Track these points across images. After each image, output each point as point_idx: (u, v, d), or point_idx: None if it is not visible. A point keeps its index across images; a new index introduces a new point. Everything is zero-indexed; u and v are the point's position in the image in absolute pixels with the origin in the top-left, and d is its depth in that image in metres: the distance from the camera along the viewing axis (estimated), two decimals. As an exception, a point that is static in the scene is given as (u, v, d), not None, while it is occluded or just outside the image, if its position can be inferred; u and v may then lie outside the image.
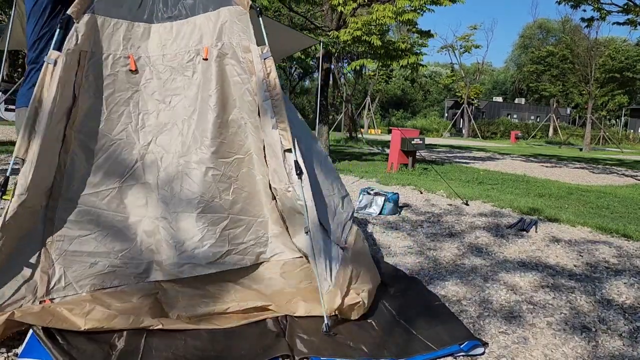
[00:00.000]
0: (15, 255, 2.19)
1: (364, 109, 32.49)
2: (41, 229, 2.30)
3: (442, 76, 43.94)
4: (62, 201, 2.36)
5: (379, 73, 31.60)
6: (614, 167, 14.41)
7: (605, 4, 12.39)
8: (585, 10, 18.70)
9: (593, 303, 2.88)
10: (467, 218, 5.07)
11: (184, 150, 2.53)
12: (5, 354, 1.99)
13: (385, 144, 18.46)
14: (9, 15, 3.49)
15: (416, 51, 11.11)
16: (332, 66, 12.62)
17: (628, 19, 12.39)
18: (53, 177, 2.34)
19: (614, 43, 28.90)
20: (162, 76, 2.59)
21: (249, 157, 2.63)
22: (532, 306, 2.79)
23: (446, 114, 42.76)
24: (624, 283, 3.24)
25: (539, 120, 40.50)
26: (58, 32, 2.25)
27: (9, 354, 2.00)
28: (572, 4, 12.73)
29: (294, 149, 2.48)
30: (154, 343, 2.09)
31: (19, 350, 1.99)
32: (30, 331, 2.04)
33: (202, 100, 2.57)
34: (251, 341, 2.17)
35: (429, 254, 3.73)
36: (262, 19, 2.69)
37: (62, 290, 2.27)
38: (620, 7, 12.07)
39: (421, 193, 6.63)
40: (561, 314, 2.71)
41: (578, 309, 2.79)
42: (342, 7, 9.61)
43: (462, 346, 2.21)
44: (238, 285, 2.54)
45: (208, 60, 2.59)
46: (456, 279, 3.18)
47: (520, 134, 32.20)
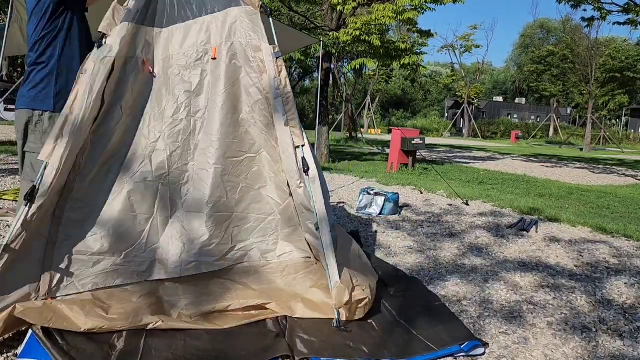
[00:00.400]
0: (25, 254, 2.19)
1: (364, 108, 32.49)
2: (48, 227, 2.31)
3: (443, 76, 43.94)
4: (71, 200, 2.37)
5: (379, 73, 31.58)
6: (614, 167, 14.40)
7: (605, 3, 12.38)
8: (585, 10, 18.73)
9: (593, 303, 2.88)
10: (468, 218, 5.07)
11: (193, 149, 2.54)
12: (5, 354, 1.99)
13: (385, 144, 18.46)
14: (10, 14, 3.42)
15: (416, 51, 11.11)
16: (332, 66, 12.61)
17: (628, 18, 12.37)
18: (67, 177, 2.36)
19: (614, 43, 28.87)
20: (171, 75, 2.60)
21: (260, 156, 2.65)
22: (533, 306, 2.79)
23: (446, 114, 42.75)
24: (625, 283, 3.24)
25: (539, 120, 40.49)
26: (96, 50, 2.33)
27: (9, 354, 2.00)
28: (573, 3, 12.72)
29: (303, 146, 2.54)
30: (154, 343, 2.09)
31: (19, 350, 1.99)
32: (30, 331, 2.04)
33: (212, 99, 2.58)
34: (251, 341, 2.17)
35: (429, 254, 3.73)
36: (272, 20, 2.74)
37: (64, 289, 2.28)
38: (620, 7, 12.06)
39: (421, 193, 6.63)
40: (561, 314, 2.70)
41: (578, 309, 2.79)
42: (342, 7, 9.60)
43: (463, 346, 2.21)
44: (240, 284, 2.54)
45: (217, 59, 2.61)
46: (456, 279, 3.18)
47: (520, 134, 32.20)
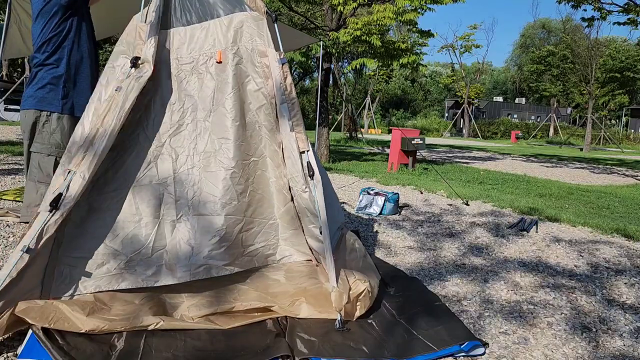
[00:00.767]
0: (37, 256, 2.19)
1: (364, 108, 32.51)
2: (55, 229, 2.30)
3: (443, 76, 43.97)
4: (80, 203, 2.36)
5: (379, 73, 31.60)
6: (614, 167, 14.40)
7: (605, 3, 12.37)
8: (585, 10, 18.73)
9: (594, 303, 2.88)
10: (468, 218, 5.07)
11: (200, 151, 2.54)
12: (5, 354, 1.99)
13: (385, 144, 18.47)
14: (8, 16, 3.39)
15: (416, 51, 11.10)
16: (332, 66, 12.60)
17: (628, 18, 12.36)
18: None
19: (614, 43, 28.89)
20: (176, 79, 2.61)
21: (263, 160, 2.66)
22: (533, 306, 2.79)
23: (446, 114, 42.76)
24: (625, 283, 3.24)
25: (539, 120, 40.50)
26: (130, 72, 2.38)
27: (9, 354, 2.00)
28: (573, 3, 12.70)
29: (308, 151, 2.58)
30: (154, 343, 2.09)
31: (19, 350, 1.99)
32: (30, 331, 2.04)
33: (218, 102, 2.59)
34: (251, 341, 2.17)
35: (429, 254, 3.73)
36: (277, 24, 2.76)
37: (67, 290, 2.27)
38: (620, 7, 12.05)
39: (421, 193, 6.63)
40: (562, 314, 2.70)
41: (579, 309, 2.79)
42: (342, 7, 9.60)
43: (463, 346, 2.21)
44: (244, 285, 2.55)
45: (222, 63, 2.62)
46: (456, 279, 3.18)
47: (520, 134, 32.21)
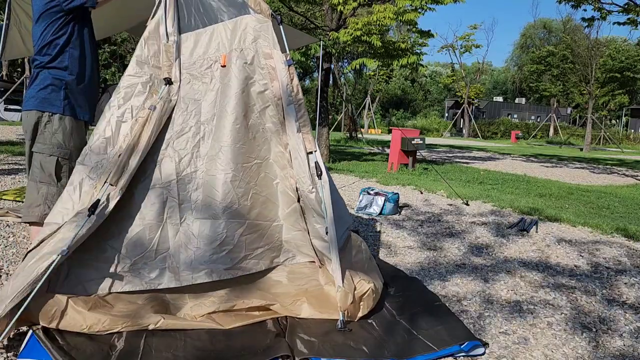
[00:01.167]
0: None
1: (364, 108, 32.50)
2: None
3: (443, 76, 43.93)
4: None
5: (379, 73, 31.58)
6: (614, 167, 14.40)
7: (605, 3, 12.37)
8: (585, 10, 18.73)
9: (594, 303, 2.88)
10: (468, 218, 5.07)
11: (202, 155, 2.54)
12: (5, 354, 1.99)
13: (385, 144, 18.47)
14: (8, 16, 3.37)
15: (416, 51, 11.10)
16: (332, 66, 12.60)
17: (628, 18, 12.36)
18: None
19: (614, 43, 28.87)
20: (181, 83, 2.61)
21: (266, 162, 2.67)
22: (533, 306, 2.79)
23: (446, 114, 42.74)
24: (625, 283, 3.24)
25: (539, 120, 40.48)
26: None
27: (9, 354, 2.00)
28: (573, 3, 12.70)
29: (315, 151, 2.60)
30: (154, 343, 2.09)
31: (19, 350, 1.99)
32: (30, 331, 2.04)
33: (221, 106, 2.59)
34: (251, 341, 2.17)
35: (429, 254, 3.73)
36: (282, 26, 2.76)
37: (72, 290, 2.26)
38: (620, 7, 12.05)
39: (421, 193, 6.63)
40: (562, 314, 2.70)
41: (579, 309, 2.79)
42: (342, 7, 9.59)
43: (463, 346, 2.21)
44: (246, 285, 2.56)
45: (226, 67, 2.63)
46: (456, 279, 3.18)
47: (520, 134, 32.19)
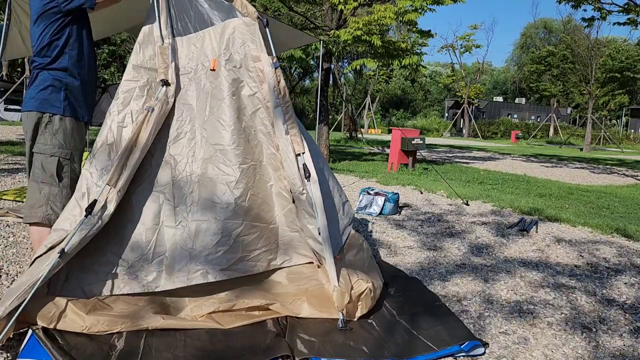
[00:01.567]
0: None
1: (364, 108, 32.51)
2: None
3: (443, 76, 43.96)
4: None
5: (379, 73, 31.59)
6: (614, 167, 14.40)
7: (605, 3, 12.37)
8: (585, 10, 18.74)
9: (594, 303, 2.88)
10: (468, 218, 5.07)
11: (198, 158, 2.54)
12: (5, 354, 1.99)
13: (385, 144, 18.47)
14: (8, 16, 3.36)
15: (417, 51, 11.10)
16: (332, 66, 12.60)
17: (628, 18, 12.36)
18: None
19: (614, 43, 28.88)
20: (176, 87, 2.62)
21: (260, 164, 2.68)
22: (533, 306, 2.79)
23: (446, 114, 42.74)
24: (625, 283, 3.24)
25: (539, 120, 40.48)
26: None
27: (9, 354, 2.00)
28: (573, 3, 12.70)
29: (303, 153, 2.60)
30: (154, 343, 2.09)
31: (19, 350, 1.99)
32: (30, 331, 2.04)
33: (213, 109, 2.61)
34: (251, 341, 2.17)
35: (429, 253, 3.73)
36: (268, 27, 2.78)
37: (71, 292, 2.26)
38: (620, 7, 12.05)
39: (421, 193, 6.63)
40: (562, 314, 2.70)
41: (579, 309, 2.79)
42: (342, 7, 9.59)
43: (463, 346, 2.21)
44: (246, 286, 2.57)
45: (216, 70, 2.64)
46: (457, 279, 3.18)
47: (520, 134, 32.18)
